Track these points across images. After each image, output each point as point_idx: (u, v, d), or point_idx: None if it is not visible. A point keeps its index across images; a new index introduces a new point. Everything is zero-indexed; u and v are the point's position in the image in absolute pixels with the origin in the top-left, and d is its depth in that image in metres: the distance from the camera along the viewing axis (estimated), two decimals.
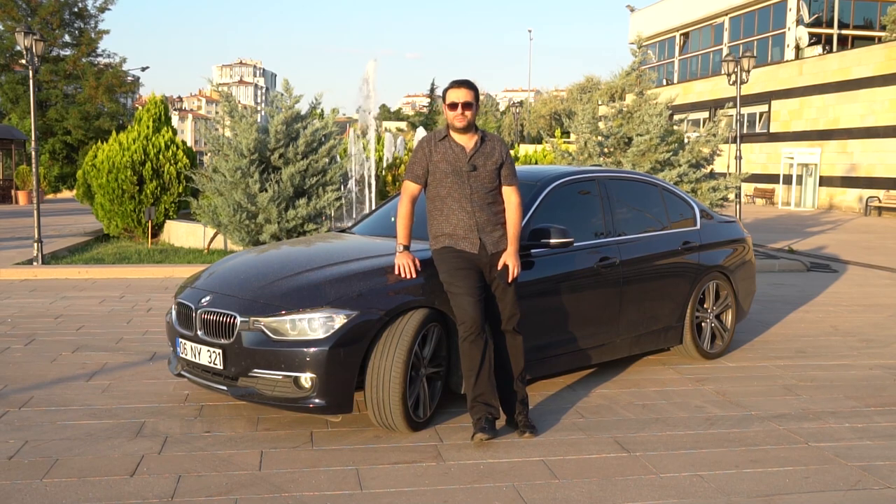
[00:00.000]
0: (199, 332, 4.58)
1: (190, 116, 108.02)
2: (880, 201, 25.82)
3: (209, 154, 12.57)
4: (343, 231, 6.25)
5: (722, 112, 13.01)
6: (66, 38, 34.81)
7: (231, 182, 11.04)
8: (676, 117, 14.17)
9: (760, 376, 5.90)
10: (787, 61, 32.65)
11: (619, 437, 4.50)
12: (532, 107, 74.89)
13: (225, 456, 4.11)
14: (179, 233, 13.37)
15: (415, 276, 4.48)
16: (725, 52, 36.54)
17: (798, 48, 34.66)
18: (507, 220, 4.55)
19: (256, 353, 4.33)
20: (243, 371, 4.38)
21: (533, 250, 5.00)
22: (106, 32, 35.35)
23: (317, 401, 4.26)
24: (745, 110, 31.61)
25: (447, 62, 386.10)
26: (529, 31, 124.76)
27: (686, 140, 12.35)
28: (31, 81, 11.77)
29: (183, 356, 4.73)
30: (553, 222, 5.09)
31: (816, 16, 35.70)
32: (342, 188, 12.10)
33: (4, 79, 33.88)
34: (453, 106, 4.43)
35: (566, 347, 5.30)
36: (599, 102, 32.98)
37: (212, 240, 12.47)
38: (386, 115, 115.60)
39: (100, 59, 35.55)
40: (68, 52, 34.73)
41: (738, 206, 14.49)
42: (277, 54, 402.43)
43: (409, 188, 4.57)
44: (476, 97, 4.48)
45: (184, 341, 4.70)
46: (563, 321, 5.24)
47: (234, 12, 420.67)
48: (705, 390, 5.49)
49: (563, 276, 5.23)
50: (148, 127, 13.86)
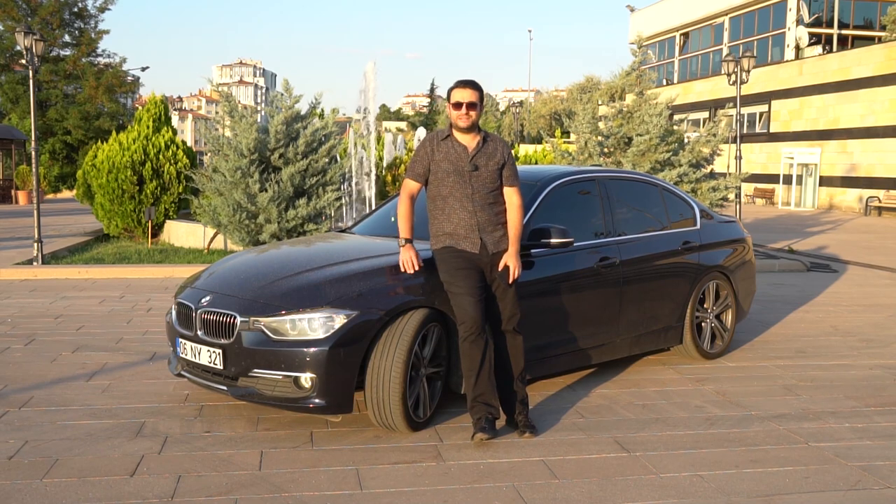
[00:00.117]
0: (199, 332, 4.59)
1: (190, 116, 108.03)
2: (880, 201, 25.83)
3: (209, 154, 12.58)
4: (343, 231, 6.25)
5: (722, 112, 13.01)
6: (66, 38, 34.83)
7: (231, 182, 11.04)
8: (676, 117, 14.17)
9: (760, 376, 5.90)
10: (787, 61, 32.66)
11: (619, 437, 4.50)
12: (532, 107, 74.88)
13: (225, 456, 4.11)
14: (179, 233, 13.37)
15: (418, 269, 4.48)
16: (725, 52, 36.54)
17: (798, 48, 34.66)
18: (509, 220, 4.55)
19: (256, 353, 4.33)
20: (243, 371, 4.38)
21: (533, 250, 5.00)
22: (106, 32, 35.39)
23: (317, 401, 4.26)
24: (745, 110, 31.61)
25: (447, 62, 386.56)
26: (529, 31, 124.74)
27: (686, 140, 12.35)
28: (31, 81, 11.78)
29: (183, 356, 4.74)
30: (553, 222, 5.09)
31: (816, 16, 35.70)
32: (342, 188, 12.09)
33: (4, 79, 33.90)
34: (458, 105, 4.43)
35: (566, 347, 5.30)
36: (599, 102, 33.02)
37: (212, 240, 12.47)
38: (386, 115, 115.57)
39: (100, 59, 35.60)
40: (68, 52, 34.75)
41: (738, 206, 14.48)
42: (277, 54, 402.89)
43: (409, 186, 4.57)
44: (480, 98, 4.48)
45: (184, 341, 4.70)
46: (564, 321, 5.24)
47: (234, 12, 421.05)
48: (705, 390, 5.49)
49: (564, 276, 5.23)
50: (148, 127, 13.86)
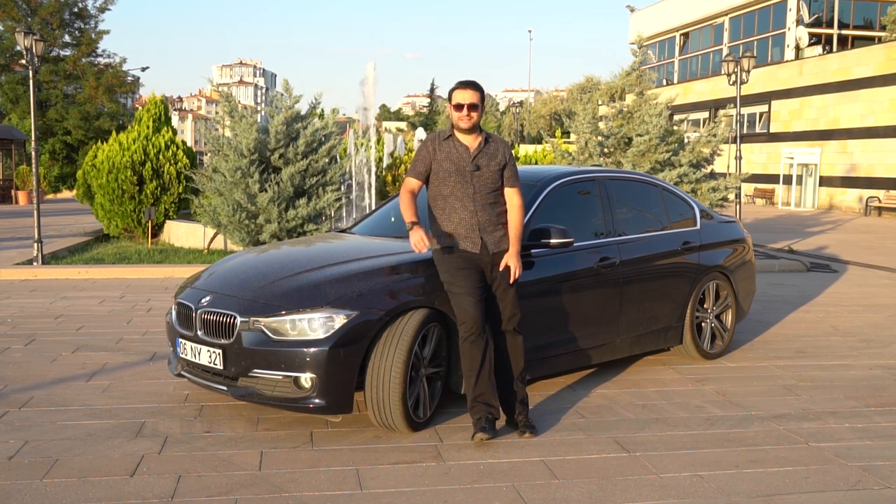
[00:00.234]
0: (199, 333, 4.59)
1: (190, 116, 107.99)
2: (880, 201, 25.83)
3: (209, 154, 12.57)
4: (343, 231, 6.25)
5: (723, 112, 13.01)
6: (66, 38, 34.84)
7: (231, 182, 11.04)
8: (676, 117, 14.17)
9: (760, 376, 5.90)
10: (787, 61, 32.66)
11: (619, 437, 4.50)
12: (532, 107, 74.87)
13: (225, 456, 4.11)
14: (179, 233, 13.37)
15: (429, 247, 4.38)
16: (725, 52, 36.54)
17: (798, 48, 34.66)
18: (509, 220, 4.54)
19: (256, 354, 4.33)
20: (243, 371, 4.38)
21: (533, 250, 5.00)
22: (106, 32, 35.41)
23: (317, 401, 4.26)
24: (746, 110, 31.62)
25: (447, 62, 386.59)
26: (529, 31, 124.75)
27: (686, 140, 12.35)
28: (31, 81, 11.78)
29: (183, 356, 4.74)
30: (553, 222, 5.09)
31: (816, 16, 35.70)
32: (342, 188, 12.10)
33: (4, 79, 33.90)
34: (459, 107, 4.43)
35: (566, 347, 5.30)
36: (599, 102, 33.01)
37: (212, 240, 12.47)
38: (386, 115, 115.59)
39: (100, 59, 35.61)
40: (68, 52, 34.75)
41: (738, 207, 14.48)
42: (277, 54, 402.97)
43: (410, 183, 4.54)
44: (482, 99, 4.48)
45: (184, 341, 4.70)
46: (564, 321, 5.24)
47: (234, 12, 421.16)
48: (705, 390, 5.49)
49: (564, 276, 5.23)
50: (148, 127, 13.86)
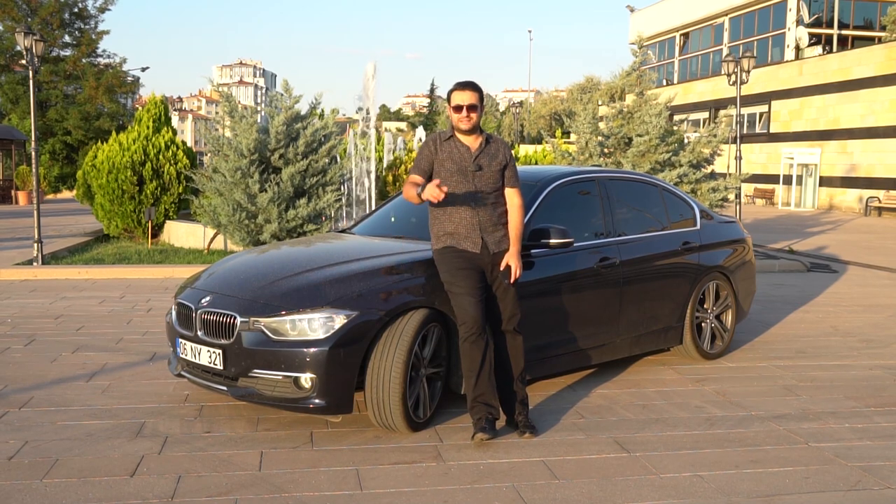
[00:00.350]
0: (199, 333, 4.59)
1: (190, 117, 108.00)
2: (880, 201, 25.83)
3: (209, 154, 12.58)
4: (343, 231, 6.25)
5: (723, 113, 13.01)
6: (66, 38, 34.83)
7: (231, 182, 11.04)
8: (677, 118, 14.18)
9: (760, 376, 5.90)
10: (788, 61, 32.66)
11: (619, 438, 4.50)
12: (532, 107, 74.88)
13: (225, 456, 4.11)
14: (179, 233, 13.37)
15: (444, 194, 4.22)
16: (725, 52, 36.54)
17: (798, 48, 34.66)
18: (510, 220, 4.55)
19: (256, 354, 4.33)
20: (243, 371, 4.38)
21: (533, 250, 5.00)
22: (106, 33, 35.40)
23: (317, 401, 4.26)
24: (746, 110, 31.61)
25: (447, 62, 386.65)
26: (529, 32, 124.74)
27: (686, 140, 12.35)
28: (31, 82, 11.78)
29: (183, 356, 4.74)
30: (553, 222, 5.09)
31: (816, 16, 35.70)
32: (342, 188, 12.10)
33: (4, 79, 33.90)
34: (458, 108, 4.43)
35: (566, 347, 5.30)
36: (599, 103, 33.02)
37: (212, 240, 12.47)
38: (386, 115, 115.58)
39: (100, 59, 35.60)
40: (68, 52, 34.75)
41: (738, 207, 14.48)
42: (277, 54, 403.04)
43: (414, 179, 4.51)
44: (481, 99, 4.48)
45: (184, 341, 4.70)
46: (564, 321, 5.24)
47: (234, 12, 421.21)
48: (705, 390, 5.49)
49: (564, 277, 5.23)
50: (148, 127, 13.86)
